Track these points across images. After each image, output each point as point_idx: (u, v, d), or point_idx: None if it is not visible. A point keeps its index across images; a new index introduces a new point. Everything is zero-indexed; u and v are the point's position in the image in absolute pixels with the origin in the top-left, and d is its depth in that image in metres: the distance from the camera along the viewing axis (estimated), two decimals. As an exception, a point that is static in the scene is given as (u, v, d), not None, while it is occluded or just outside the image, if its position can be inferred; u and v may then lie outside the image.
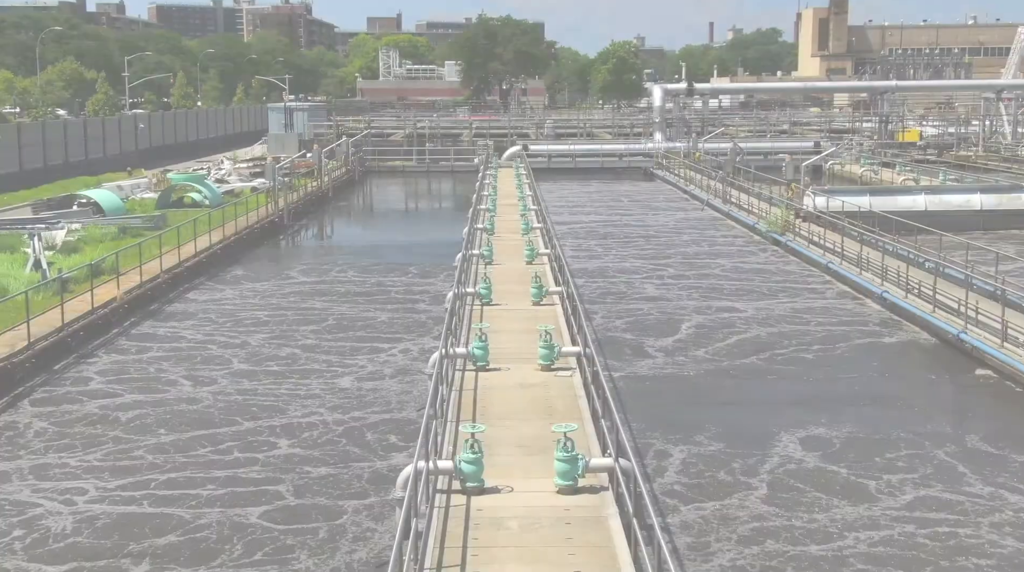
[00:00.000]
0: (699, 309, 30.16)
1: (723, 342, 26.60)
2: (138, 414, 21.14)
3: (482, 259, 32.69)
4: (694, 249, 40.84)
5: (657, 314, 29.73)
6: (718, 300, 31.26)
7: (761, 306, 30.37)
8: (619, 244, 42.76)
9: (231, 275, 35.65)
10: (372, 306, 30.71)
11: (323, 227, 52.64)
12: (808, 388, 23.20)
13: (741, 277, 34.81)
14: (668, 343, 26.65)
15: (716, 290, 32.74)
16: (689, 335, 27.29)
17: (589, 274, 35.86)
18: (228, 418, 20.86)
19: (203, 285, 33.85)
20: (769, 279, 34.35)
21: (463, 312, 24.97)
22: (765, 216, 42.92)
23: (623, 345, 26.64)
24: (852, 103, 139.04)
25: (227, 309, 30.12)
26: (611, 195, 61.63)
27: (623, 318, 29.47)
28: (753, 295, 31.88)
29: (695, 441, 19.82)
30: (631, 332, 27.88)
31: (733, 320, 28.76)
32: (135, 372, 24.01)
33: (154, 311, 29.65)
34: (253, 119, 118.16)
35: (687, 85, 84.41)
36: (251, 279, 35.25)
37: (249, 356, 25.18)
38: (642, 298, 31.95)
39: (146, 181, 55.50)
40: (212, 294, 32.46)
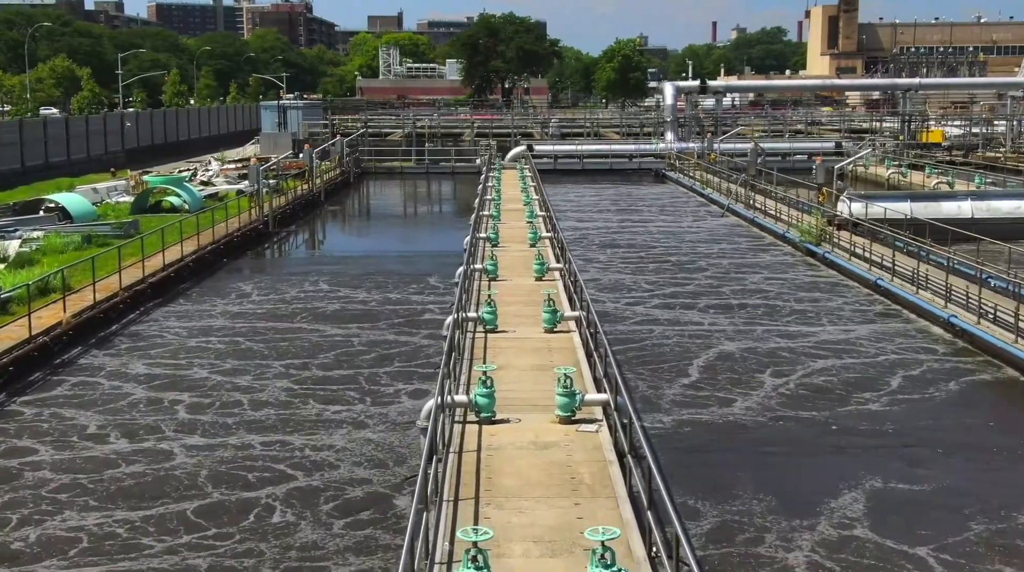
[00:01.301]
0: (734, 335, 26.24)
1: (770, 378, 22.68)
2: (55, 481, 17.21)
3: (485, 275, 28.90)
4: (720, 261, 36.88)
5: (687, 342, 25.78)
6: (755, 324, 27.30)
7: (806, 331, 26.43)
8: (636, 256, 38.82)
9: (202, 292, 31.71)
10: (357, 337, 26.73)
11: (311, 234, 48.59)
12: (881, 439, 19.24)
13: (778, 296, 30.81)
14: (704, 380, 22.72)
15: (751, 311, 28.77)
16: (729, 368, 23.36)
17: (606, 290, 31.94)
18: (160, 491, 16.87)
19: (169, 304, 29.90)
20: (810, 298, 30.37)
21: (464, 343, 21.13)
22: (796, 224, 39.00)
23: (653, 380, 22.73)
24: (865, 102, 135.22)
25: (191, 336, 26.18)
26: (622, 199, 57.69)
27: (649, 346, 25.56)
28: (795, 318, 27.90)
29: (744, 504, 15.97)
30: (661, 364, 23.97)
31: (776, 349, 24.84)
32: (57, 423, 19.76)
33: (104, 339, 25.66)
34: (247, 118, 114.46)
35: (700, 82, 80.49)
36: (224, 296, 31.35)
37: (201, 404, 20.89)
38: (668, 322, 28.02)
39: (124, 183, 51.66)
40: (177, 317, 28.50)
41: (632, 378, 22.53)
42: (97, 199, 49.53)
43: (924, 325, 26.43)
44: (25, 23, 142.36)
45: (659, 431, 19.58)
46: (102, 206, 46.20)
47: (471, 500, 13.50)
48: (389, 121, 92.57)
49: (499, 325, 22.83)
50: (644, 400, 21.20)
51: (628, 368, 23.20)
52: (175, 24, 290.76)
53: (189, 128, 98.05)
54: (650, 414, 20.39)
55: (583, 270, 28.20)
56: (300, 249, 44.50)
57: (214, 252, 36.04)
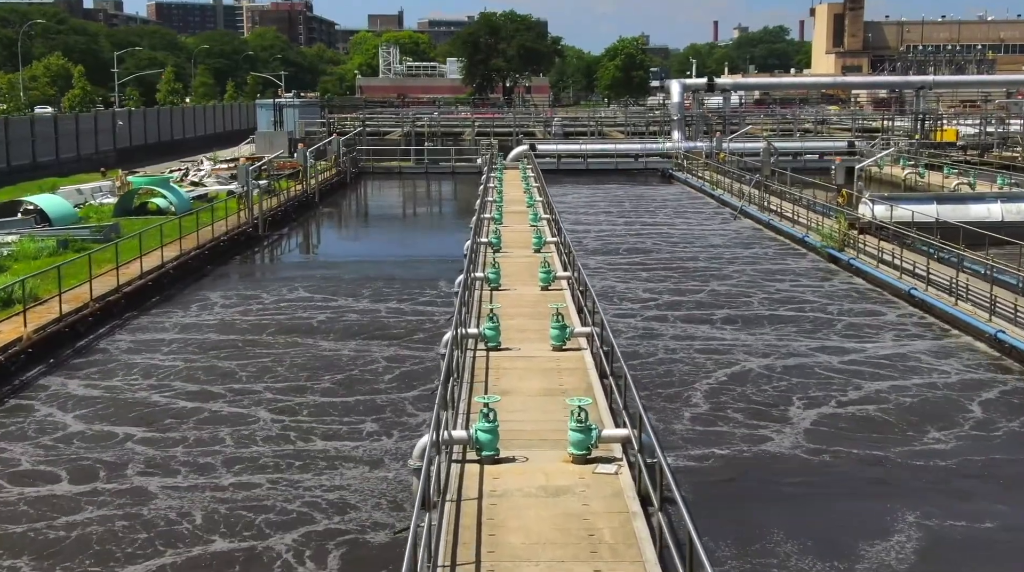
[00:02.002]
0: (759, 352, 24.02)
1: (803, 404, 20.48)
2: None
3: (487, 284, 26.72)
4: (737, 268, 34.63)
5: (707, 360, 23.54)
6: (781, 339, 25.07)
7: (837, 349, 24.17)
8: (647, 262, 36.63)
9: (182, 303, 29.46)
10: (344, 355, 24.54)
11: (303, 238, 46.29)
12: (935, 478, 17.01)
13: (803, 307, 28.54)
14: (729, 405, 20.53)
15: (775, 325, 26.51)
16: (757, 392, 21.14)
17: (615, 300, 29.75)
18: (131, 546, 14.70)
19: (144, 316, 27.70)
20: (838, 310, 28.07)
21: (464, 363, 18.96)
22: (817, 228, 36.79)
23: (670, 405, 20.55)
24: (872, 100, 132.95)
25: (167, 354, 23.95)
26: (629, 200, 55.44)
27: (664, 364, 23.37)
28: (823, 333, 25.62)
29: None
30: (678, 386, 21.78)
31: (807, 369, 22.62)
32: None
33: (67, 358, 23.39)
34: (243, 117, 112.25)
35: (707, 80, 78.25)
36: (207, 307, 29.16)
37: (171, 438, 18.50)
38: (685, 337, 25.82)
39: (110, 184, 49.48)
40: (152, 330, 26.32)
41: (645, 402, 20.34)
42: (81, 200, 47.42)
43: (967, 341, 24.15)
44: (20, 21, 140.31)
45: (681, 467, 17.39)
46: (84, 208, 44.07)
47: (471, 565, 11.34)
48: (388, 120, 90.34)
49: (502, 342, 20.68)
50: (661, 429, 19.01)
51: (640, 390, 21.01)
52: (175, 23, 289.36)
53: (184, 127, 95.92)
54: (668, 446, 18.20)
55: (590, 277, 26.04)
56: (291, 254, 42.18)
57: (198, 258, 33.82)
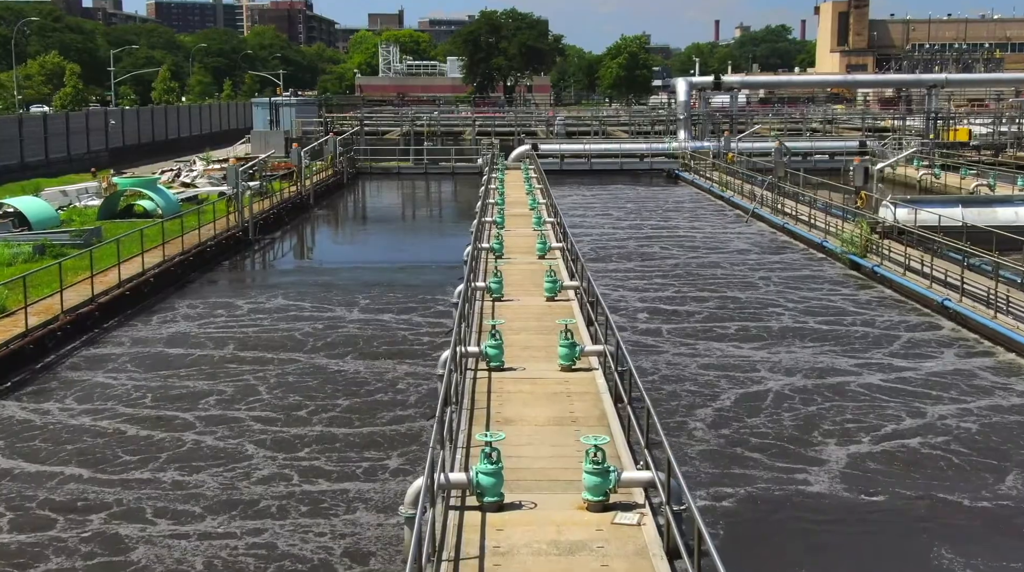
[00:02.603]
0: (783, 370, 22.12)
1: (836, 432, 18.58)
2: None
3: (489, 294, 24.85)
4: (752, 275, 32.72)
5: (726, 380, 21.62)
6: (807, 356, 23.10)
7: (868, 366, 22.27)
8: (656, 269, 34.75)
9: (162, 314, 27.55)
10: (335, 372, 22.67)
11: (296, 242, 44.28)
12: (997, 527, 15.15)
13: (827, 319, 26.54)
14: (754, 434, 18.63)
15: (798, 340, 24.57)
16: (786, 418, 19.24)
17: (624, 312, 27.84)
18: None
19: (120, 329, 25.79)
20: (865, 322, 26.13)
21: (463, 386, 17.10)
22: (836, 232, 34.87)
23: (690, 432, 18.66)
24: (879, 99, 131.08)
25: (143, 372, 22.08)
26: (635, 202, 53.52)
27: (679, 385, 21.49)
28: (855, 348, 23.62)
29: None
30: (697, 409, 19.90)
31: (838, 390, 20.70)
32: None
33: (28, 380, 21.45)
34: (240, 116, 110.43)
35: (714, 78, 76.31)
36: (190, 318, 27.27)
37: (145, 479, 16.60)
38: (700, 353, 23.94)
39: (96, 185, 47.58)
40: (127, 344, 24.45)
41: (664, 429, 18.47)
42: (66, 202, 45.59)
43: (1011, 359, 22.21)
44: (15, 18, 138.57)
45: (704, 511, 15.50)
46: (67, 210, 42.21)
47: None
48: (387, 119, 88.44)
49: (506, 361, 18.83)
50: (681, 462, 17.12)
51: (657, 415, 19.11)
52: (174, 22, 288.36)
53: (179, 126, 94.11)
54: (690, 481, 16.31)
55: (598, 284, 24.13)
56: (283, 259, 40.07)
57: (182, 264, 31.90)
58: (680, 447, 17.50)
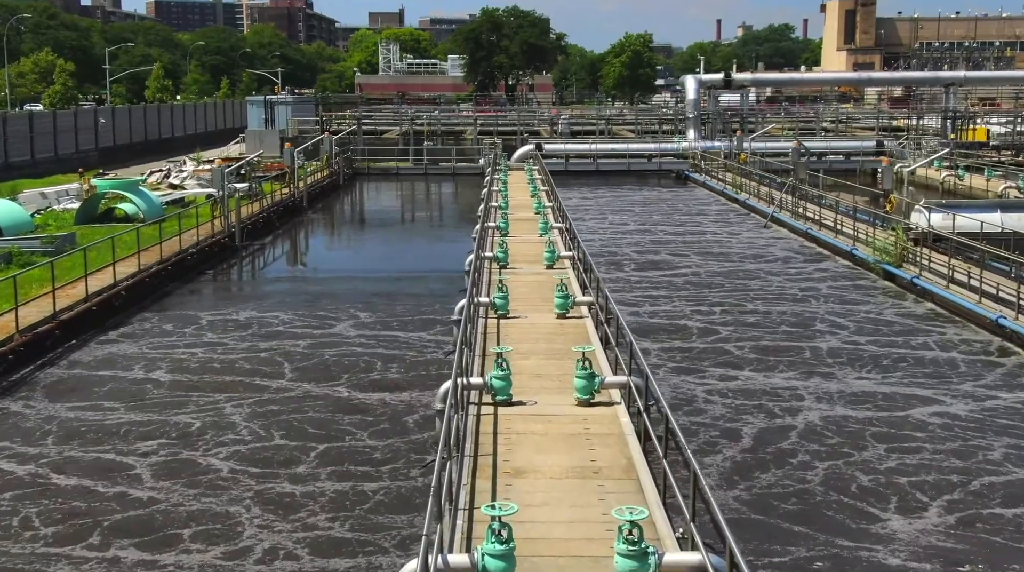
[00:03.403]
0: (828, 404, 19.62)
1: (903, 487, 16.08)
2: None
3: (493, 311, 22.38)
4: (779, 287, 30.14)
5: (763, 418, 19.16)
6: (853, 387, 20.46)
7: (924, 399, 19.75)
8: (673, 279, 32.26)
9: (133, 331, 25.03)
10: (320, 405, 20.15)
11: (286, 249, 41.43)
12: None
13: (870, 340, 24.01)
14: (804, 491, 16.14)
15: (841, 365, 21.89)
16: (841, 466, 16.71)
17: (646, 329, 25.34)
18: None
19: (83, 349, 23.28)
20: (909, 343, 23.58)
21: (465, 428, 14.63)
22: (868, 239, 32.33)
23: (738, 482, 16.16)
24: (887, 98, 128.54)
25: (108, 402, 19.59)
26: (646, 205, 50.92)
27: (706, 422, 19.00)
28: (899, 373, 21.09)
29: None
30: (744, 454, 17.40)
31: (894, 429, 18.19)
32: None
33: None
34: (236, 114, 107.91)
35: (724, 76, 73.73)
36: (164, 334, 24.79)
37: (102, 543, 14.03)
38: (737, 380, 21.44)
39: (77, 187, 45.10)
40: (93, 366, 21.99)
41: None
42: (44, 205, 43.12)
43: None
44: (9, 15, 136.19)
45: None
46: (44, 214, 39.74)
47: None
48: (386, 117, 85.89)
49: (514, 393, 16.38)
50: (727, 513, 14.60)
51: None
52: (174, 21, 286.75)
53: (173, 125, 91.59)
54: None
55: (612, 296, 21.58)
56: (270, 268, 37.12)
57: (159, 274, 29.36)
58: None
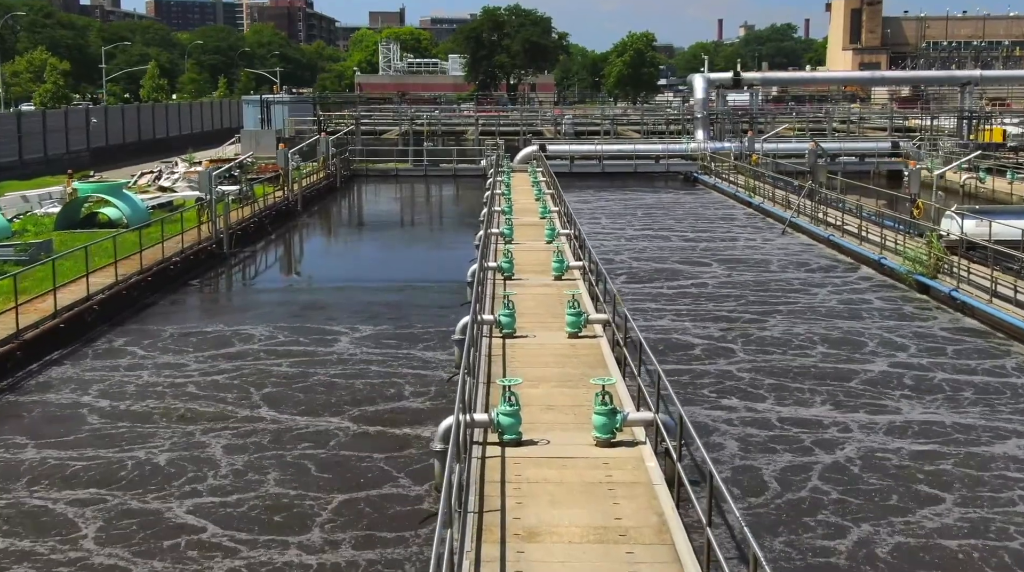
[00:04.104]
0: (858, 422, 17.61)
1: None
2: None
3: (499, 329, 20.39)
4: (807, 301, 27.95)
5: (800, 456, 17.13)
6: (900, 422, 18.34)
7: (987, 435, 17.67)
8: (690, 292, 30.21)
9: (102, 352, 22.88)
10: (303, 440, 18.12)
11: (278, 256, 38.92)
12: None
13: (912, 363, 21.82)
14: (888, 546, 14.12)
15: (881, 394, 19.72)
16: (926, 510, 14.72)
17: (667, 350, 23.31)
18: None
19: (46, 372, 21.21)
20: (954, 367, 21.37)
21: (467, 474, 12.63)
22: (900, 248, 30.25)
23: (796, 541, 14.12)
24: (895, 98, 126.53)
25: (72, 436, 17.53)
26: (656, 209, 48.75)
27: (760, 460, 16.99)
28: (950, 404, 18.89)
29: None
30: (794, 514, 15.38)
31: (982, 462, 16.16)
32: None
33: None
34: (233, 114, 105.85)
35: (733, 74, 71.65)
36: (135, 355, 22.77)
37: None
38: (775, 414, 19.42)
39: (60, 190, 43.11)
40: (57, 389, 19.97)
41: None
42: (26, 209, 41.17)
43: None
44: (3, 14, 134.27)
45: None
46: (23, 219, 37.74)
47: None
48: (385, 117, 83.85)
49: (524, 431, 14.40)
50: None
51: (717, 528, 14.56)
52: (174, 20, 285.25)
53: (168, 125, 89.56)
54: None
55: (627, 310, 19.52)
56: (260, 278, 34.49)
57: (137, 286, 27.28)
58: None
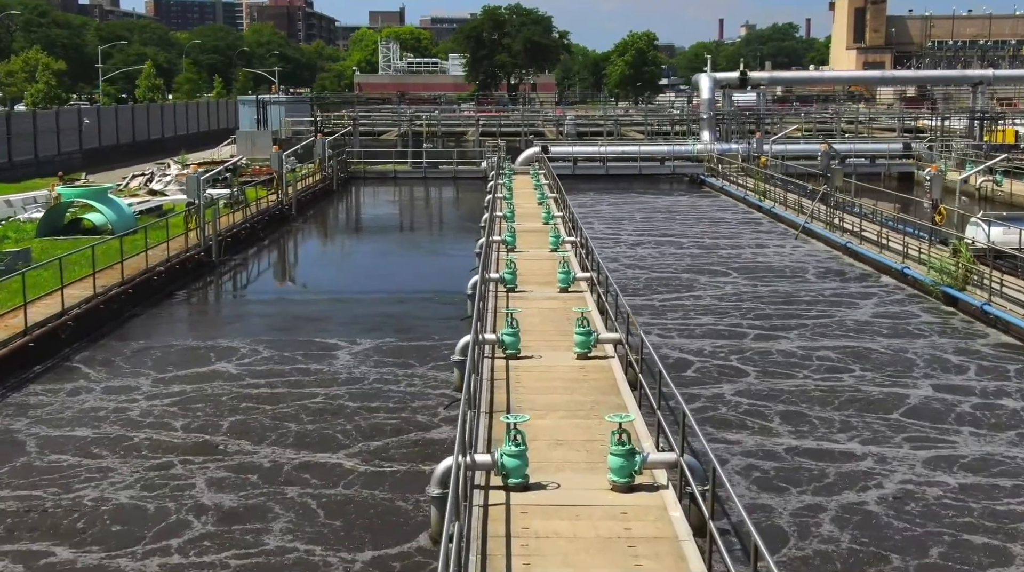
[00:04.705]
0: (911, 460, 16.05)
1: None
2: None
3: (501, 350, 18.84)
4: (832, 315, 26.33)
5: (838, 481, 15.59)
6: (943, 456, 16.84)
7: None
8: (711, 303, 28.63)
9: (68, 373, 21.28)
10: (286, 483, 16.53)
11: (269, 264, 36.82)
12: None
13: (953, 389, 20.14)
14: None
15: (919, 425, 18.17)
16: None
17: (681, 368, 21.72)
18: None
19: (10, 397, 19.66)
20: (998, 391, 19.78)
21: (467, 537, 11.06)
22: (918, 256, 28.69)
23: None
24: (901, 98, 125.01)
25: (32, 477, 15.94)
26: (664, 214, 47.00)
27: (795, 506, 15.44)
28: (1003, 440, 17.34)
29: None
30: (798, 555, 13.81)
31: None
32: None
33: None
34: (229, 115, 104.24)
35: (739, 74, 70.04)
36: (114, 377, 21.19)
37: None
38: (804, 448, 17.86)
39: (45, 194, 41.54)
40: (17, 414, 18.42)
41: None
42: (9, 214, 39.61)
43: None
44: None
45: None
46: (5, 225, 36.17)
47: None
48: (384, 118, 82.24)
49: (532, 474, 12.83)
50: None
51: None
52: (173, 20, 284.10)
53: (163, 126, 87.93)
54: None
55: (640, 323, 17.92)
56: (249, 288, 32.66)
57: (118, 298, 25.70)
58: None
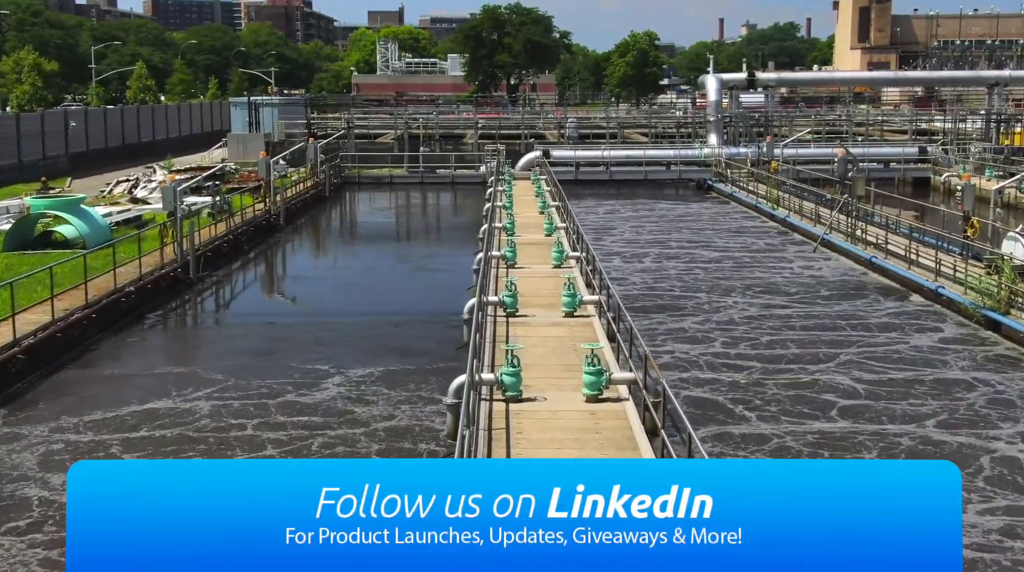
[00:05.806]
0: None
1: None
2: None
3: (501, 392, 16.60)
4: (867, 344, 24.00)
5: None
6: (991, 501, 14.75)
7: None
8: (728, 327, 26.38)
9: (23, 413, 19.10)
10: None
11: (252, 281, 34.31)
12: None
13: (1005, 422, 18.03)
14: None
15: (982, 477, 16.09)
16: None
17: (701, 405, 19.47)
18: None
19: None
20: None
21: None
22: (953, 274, 26.42)
23: None
24: (909, 99, 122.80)
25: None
26: (673, 222, 44.67)
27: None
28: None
29: None
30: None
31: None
32: None
33: None
34: (225, 117, 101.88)
35: (747, 74, 67.80)
36: (52, 418, 18.96)
37: None
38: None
39: (19, 204, 39.26)
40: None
41: None
42: (-22, 225, 37.26)
43: None
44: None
45: None
46: (-30, 238, 33.83)
47: None
48: (380, 120, 79.90)
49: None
50: None
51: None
52: (171, 20, 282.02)
53: (154, 128, 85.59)
54: None
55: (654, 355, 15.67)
56: (227, 311, 30.15)
57: (79, 324, 23.41)
58: None
